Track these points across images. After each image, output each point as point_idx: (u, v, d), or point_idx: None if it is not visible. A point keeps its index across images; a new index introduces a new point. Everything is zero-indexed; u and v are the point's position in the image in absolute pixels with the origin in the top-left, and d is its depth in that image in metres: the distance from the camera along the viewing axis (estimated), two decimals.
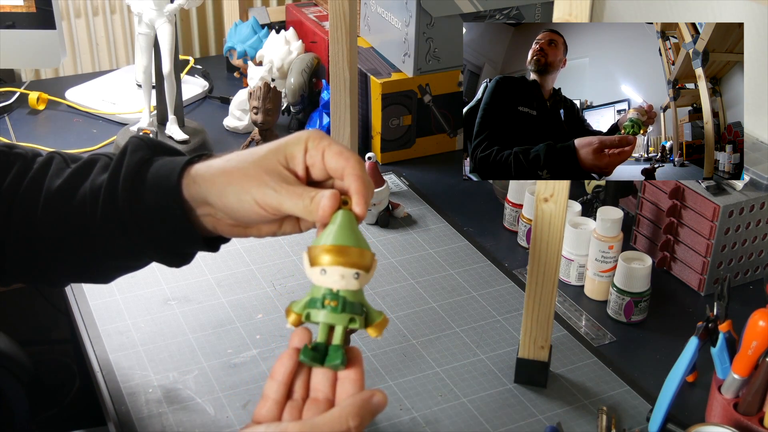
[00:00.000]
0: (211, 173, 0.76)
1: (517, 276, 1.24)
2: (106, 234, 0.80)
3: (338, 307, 0.69)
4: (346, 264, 0.69)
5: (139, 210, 0.78)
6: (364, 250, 0.70)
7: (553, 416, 0.99)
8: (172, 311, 1.14)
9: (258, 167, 0.74)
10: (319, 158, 0.75)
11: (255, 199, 0.74)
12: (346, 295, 0.69)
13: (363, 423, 0.65)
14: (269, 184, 0.74)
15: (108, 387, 1.01)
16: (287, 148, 0.75)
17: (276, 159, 0.75)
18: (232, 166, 0.76)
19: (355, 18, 1.31)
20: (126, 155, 0.80)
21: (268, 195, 0.74)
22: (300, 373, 0.69)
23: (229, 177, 0.75)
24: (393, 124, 1.52)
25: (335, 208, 0.72)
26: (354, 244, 0.70)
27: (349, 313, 0.69)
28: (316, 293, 0.70)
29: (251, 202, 0.74)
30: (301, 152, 0.75)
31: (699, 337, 0.95)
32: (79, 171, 0.82)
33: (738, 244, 1.20)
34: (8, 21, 1.57)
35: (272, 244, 1.28)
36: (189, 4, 1.44)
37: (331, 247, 0.69)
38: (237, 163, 0.76)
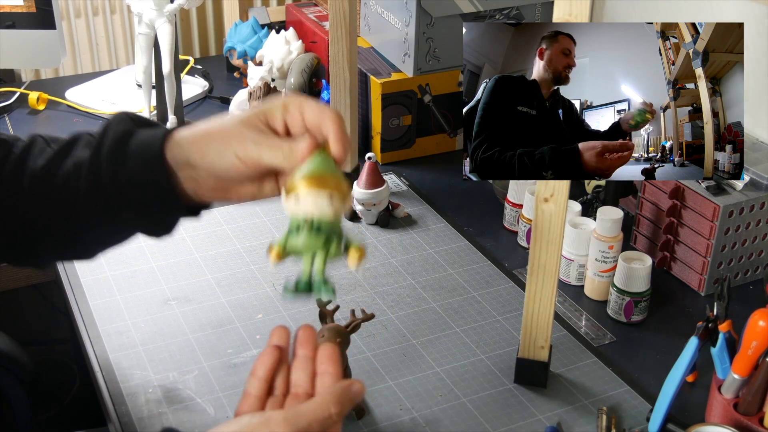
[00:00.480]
0: (193, 134, 0.79)
1: (517, 276, 1.24)
2: (90, 206, 0.81)
3: (313, 230, 0.69)
4: (319, 187, 0.69)
5: (123, 178, 0.79)
6: (338, 177, 0.70)
7: (553, 416, 0.99)
8: (172, 311, 1.14)
9: (239, 125, 0.77)
10: (298, 115, 0.77)
11: (236, 153, 0.76)
12: (321, 221, 0.69)
13: (343, 410, 0.68)
14: (249, 137, 0.76)
15: (108, 387, 1.01)
16: (267, 108, 0.78)
17: (256, 118, 0.78)
18: (214, 127, 0.79)
19: (355, 18, 1.31)
20: (109, 129, 0.81)
21: (248, 148, 0.76)
22: (280, 370, 0.72)
23: (210, 136, 0.78)
24: (393, 124, 1.52)
25: (312, 150, 0.73)
26: (328, 172, 0.70)
27: (325, 233, 0.69)
28: (293, 224, 0.70)
29: (232, 157, 0.76)
30: (280, 110, 0.78)
31: (699, 337, 0.95)
32: (62, 149, 0.83)
33: (738, 244, 1.21)
34: (8, 21, 1.57)
35: None
36: (189, 4, 1.44)
37: (304, 175, 0.70)
38: (219, 123, 0.79)
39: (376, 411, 0.99)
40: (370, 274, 1.23)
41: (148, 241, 1.26)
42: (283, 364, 0.72)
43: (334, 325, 0.97)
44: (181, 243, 1.27)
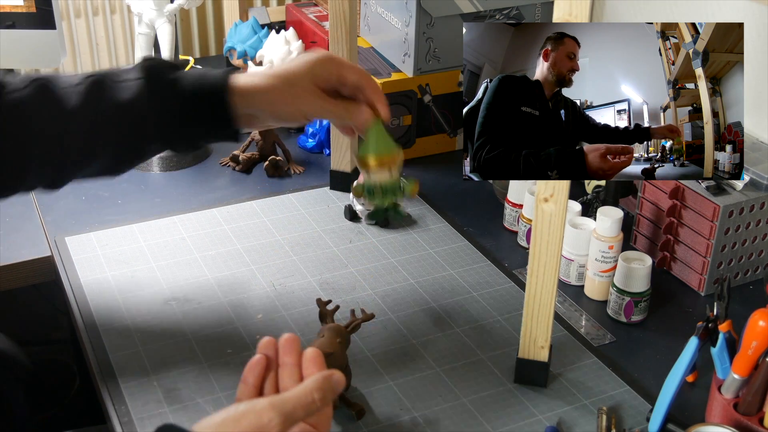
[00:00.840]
0: (258, 87, 0.97)
1: (517, 276, 1.24)
2: (143, 109, 0.96)
3: (380, 189, 1.05)
4: (383, 165, 1.03)
5: (183, 89, 0.97)
6: (395, 151, 1.03)
7: (553, 416, 0.99)
8: (172, 311, 1.14)
9: (300, 89, 0.97)
10: (336, 77, 0.99)
11: (304, 112, 0.98)
12: (385, 184, 1.04)
13: (326, 397, 0.73)
14: (317, 101, 0.98)
15: (108, 387, 1.01)
16: (314, 69, 0.98)
17: (310, 80, 0.98)
18: (279, 83, 0.97)
19: (355, 18, 1.31)
20: (147, 62, 1.00)
21: (316, 109, 0.98)
22: (268, 376, 0.79)
23: (278, 92, 0.97)
24: (393, 124, 1.52)
25: (371, 119, 1.00)
26: (387, 149, 1.02)
27: (389, 188, 1.05)
28: (367, 184, 1.05)
29: (299, 114, 0.99)
30: (325, 73, 0.98)
31: (699, 337, 0.95)
32: (95, 83, 0.96)
33: (738, 244, 1.21)
34: (8, 21, 1.56)
35: (272, 244, 1.28)
36: (189, 4, 1.44)
37: (371, 155, 1.02)
38: (283, 79, 0.97)
39: (376, 411, 0.99)
40: (370, 274, 1.23)
41: (149, 241, 1.27)
42: (271, 371, 0.79)
43: (334, 325, 0.97)
44: (181, 243, 1.27)
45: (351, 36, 1.32)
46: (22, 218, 1.34)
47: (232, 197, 1.41)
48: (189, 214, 1.35)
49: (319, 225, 1.34)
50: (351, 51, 1.33)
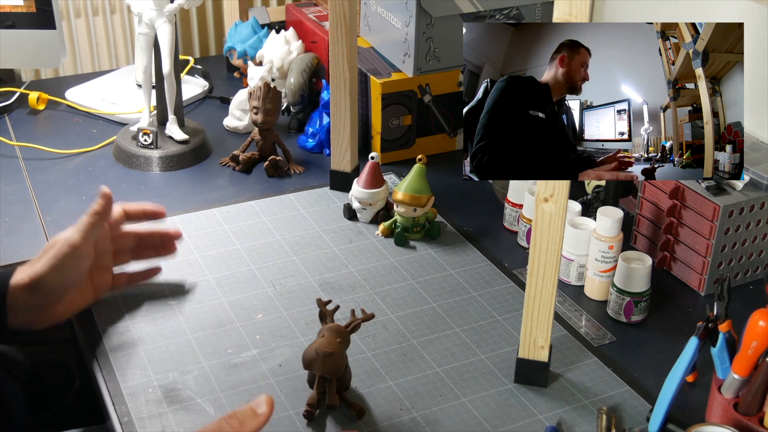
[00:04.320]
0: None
1: (517, 276, 1.24)
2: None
3: (404, 229, 1.29)
4: (409, 204, 1.27)
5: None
6: (423, 195, 1.28)
7: (553, 416, 0.99)
8: (172, 311, 1.14)
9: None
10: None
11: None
12: (409, 220, 1.29)
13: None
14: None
15: (108, 387, 1.01)
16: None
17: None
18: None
19: (355, 18, 1.31)
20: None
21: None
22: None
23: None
24: (393, 124, 1.52)
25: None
26: (418, 190, 1.27)
27: (411, 222, 1.29)
28: (397, 216, 1.29)
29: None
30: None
31: (699, 337, 0.95)
32: None
33: (738, 244, 1.21)
34: (8, 21, 1.57)
35: (272, 244, 1.28)
36: (189, 4, 1.44)
37: (403, 192, 1.28)
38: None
39: (376, 411, 0.99)
40: (370, 274, 1.23)
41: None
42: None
43: (334, 325, 0.97)
44: (181, 243, 1.27)
45: (351, 36, 1.32)
46: (22, 218, 1.34)
47: (232, 197, 1.41)
48: (189, 214, 1.35)
49: (319, 225, 1.34)
50: (351, 51, 1.33)
